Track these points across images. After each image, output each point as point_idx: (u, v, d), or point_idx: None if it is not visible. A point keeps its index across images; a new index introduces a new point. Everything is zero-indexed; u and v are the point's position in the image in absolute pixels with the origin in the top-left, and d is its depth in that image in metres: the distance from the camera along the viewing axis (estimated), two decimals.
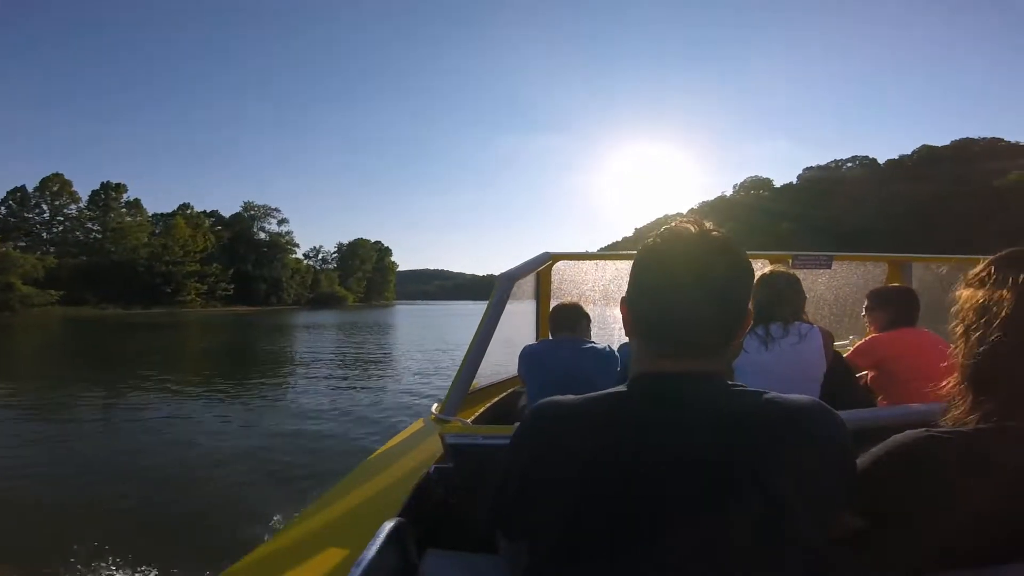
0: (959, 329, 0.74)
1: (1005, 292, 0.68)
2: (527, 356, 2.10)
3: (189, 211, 79.56)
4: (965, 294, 0.74)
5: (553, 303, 2.54)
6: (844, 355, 2.22)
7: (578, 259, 2.76)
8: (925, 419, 0.81)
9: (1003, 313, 0.67)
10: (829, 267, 2.64)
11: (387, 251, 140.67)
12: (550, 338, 2.21)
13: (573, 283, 2.82)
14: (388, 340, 22.69)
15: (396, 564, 0.96)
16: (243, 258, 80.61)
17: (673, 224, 0.69)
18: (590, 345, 2.08)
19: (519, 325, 2.75)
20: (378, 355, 16.36)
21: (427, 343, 19.49)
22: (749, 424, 0.61)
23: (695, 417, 0.62)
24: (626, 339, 2.95)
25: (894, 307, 2.20)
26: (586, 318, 2.21)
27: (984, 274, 0.72)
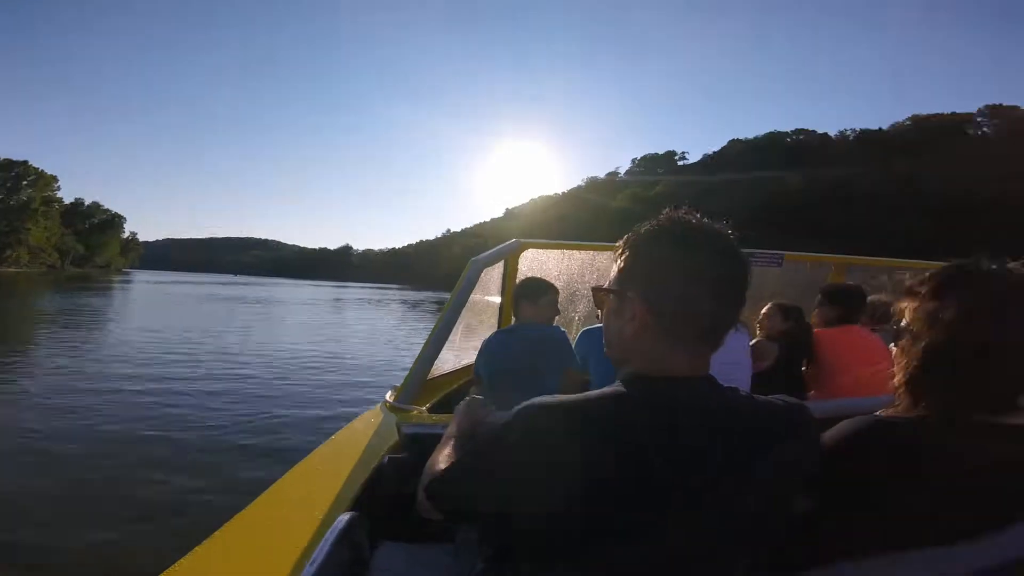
0: (905, 334, 0.80)
1: (950, 304, 0.74)
2: (483, 348, 2.01)
3: None
4: (910, 303, 0.80)
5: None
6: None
7: (547, 247, 2.78)
8: (869, 412, 0.84)
9: (947, 322, 0.73)
10: (780, 265, 2.83)
11: (47, 180, 73.29)
12: (509, 325, 2.19)
13: (541, 272, 2.75)
14: None
15: (349, 558, 0.93)
16: None
17: (681, 214, 0.69)
18: (543, 333, 1.97)
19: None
20: None
21: None
22: (753, 427, 0.64)
23: (706, 421, 0.63)
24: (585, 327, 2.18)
25: (841, 305, 2.36)
26: (547, 294, 2.08)
27: (930, 284, 0.78)
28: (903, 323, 0.81)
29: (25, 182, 73.21)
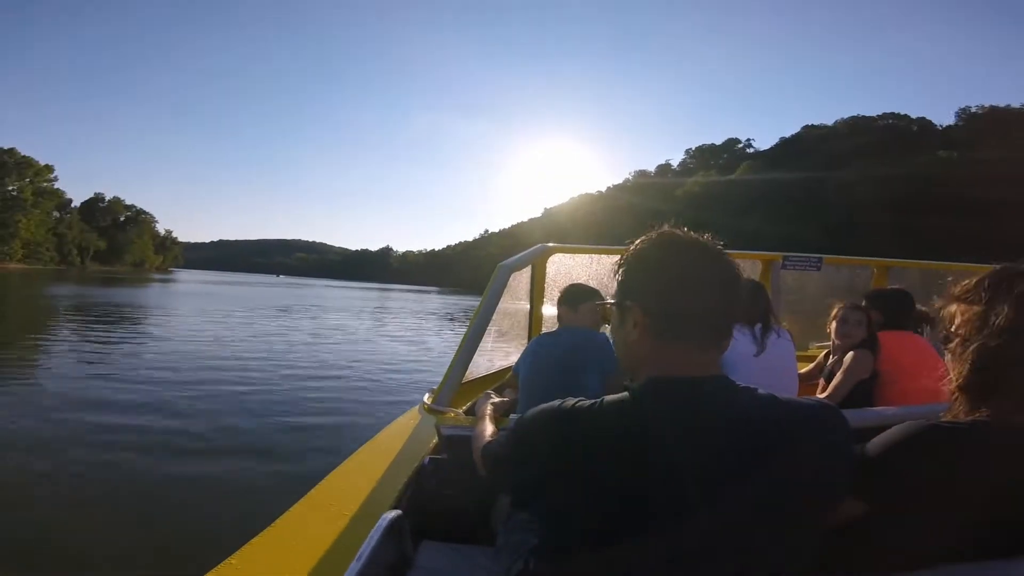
0: (956, 339, 0.77)
1: (1004, 306, 0.71)
2: (526, 348, 2.06)
3: None
4: (960, 307, 0.77)
5: (547, 297, 2.67)
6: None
7: (574, 252, 2.79)
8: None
9: (1002, 324, 0.70)
10: (819, 269, 2.82)
11: (37, 169, 67.84)
12: (555, 329, 2.18)
13: (568, 277, 2.70)
14: None
15: (393, 557, 0.96)
16: None
17: (667, 229, 0.74)
18: (583, 337, 1.94)
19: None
20: None
21: None
22: (769, 426, 0.64)
23: (720, 420, 0.64)
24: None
25: (889, 310, 2.28)
26: (587, 300, 2.04)
27: (980, 288, 0.75)
28: (952, 328, 0.78)
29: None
